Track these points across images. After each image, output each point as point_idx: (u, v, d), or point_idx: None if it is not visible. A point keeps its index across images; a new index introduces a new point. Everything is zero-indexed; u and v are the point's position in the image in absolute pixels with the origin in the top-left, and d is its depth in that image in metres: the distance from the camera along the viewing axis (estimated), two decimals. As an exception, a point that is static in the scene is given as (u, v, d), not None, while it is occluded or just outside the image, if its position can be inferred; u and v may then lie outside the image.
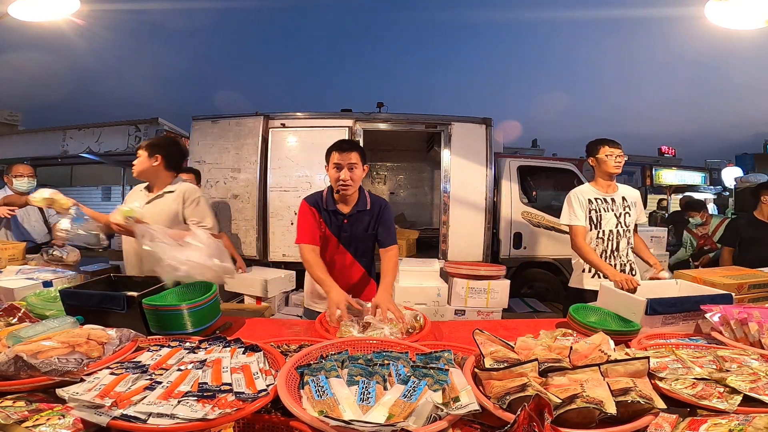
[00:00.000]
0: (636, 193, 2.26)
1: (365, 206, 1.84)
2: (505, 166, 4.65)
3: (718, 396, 0.86)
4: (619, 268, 2.11)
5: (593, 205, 2.18)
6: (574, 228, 2.17)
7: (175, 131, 6.73)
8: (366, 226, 1.85)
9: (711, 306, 1.34)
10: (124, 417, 0.75)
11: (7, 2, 2.32)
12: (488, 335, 1.07)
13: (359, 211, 1.83)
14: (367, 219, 1.85)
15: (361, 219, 1.84)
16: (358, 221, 1.84)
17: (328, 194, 1.84)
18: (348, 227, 1.83)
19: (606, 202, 2.17)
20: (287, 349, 1.20)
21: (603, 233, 2.15)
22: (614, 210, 2.16)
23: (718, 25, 2.26)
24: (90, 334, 1.04)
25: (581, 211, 2.17)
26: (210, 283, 1.51)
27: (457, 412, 0.79)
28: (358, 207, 1.83)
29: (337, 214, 1.82)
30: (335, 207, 1.82)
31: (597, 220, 2.16)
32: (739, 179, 8.53)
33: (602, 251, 2.15)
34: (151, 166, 1.99)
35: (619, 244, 2.15)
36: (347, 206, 1.83)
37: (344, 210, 1.83)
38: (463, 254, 4.24)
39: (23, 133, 8.53)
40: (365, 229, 1.85)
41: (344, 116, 4.41)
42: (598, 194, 2.20)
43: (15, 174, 3.02)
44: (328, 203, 1.82)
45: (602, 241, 2.15)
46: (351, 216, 1.83)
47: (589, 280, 2.16)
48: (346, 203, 1.83)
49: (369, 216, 1.85)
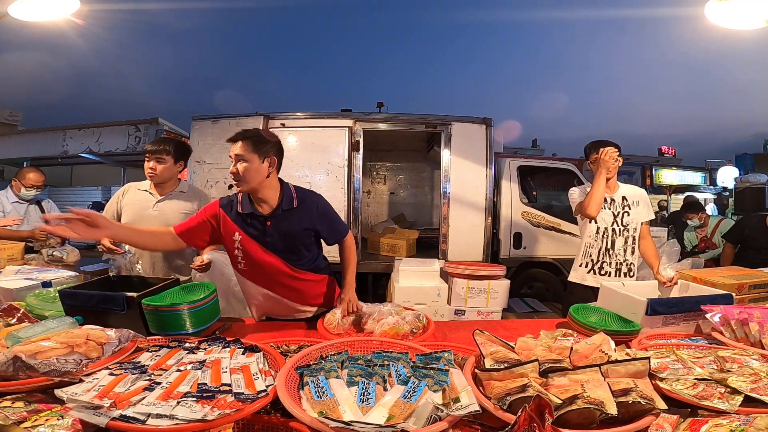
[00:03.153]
0: (639, 192, 2.21)
1: (291, 204, 1.57)
2: (505, 166, 4.65)
3: (719, 396, 0.86)
4: (614, 267, 2.13)
5: None
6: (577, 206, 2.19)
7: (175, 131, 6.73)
8: (297, 225, 1.58)
9: (711, 306, 1.34)
10: (123, 418, 0.74)
11: (7, 2, 2.32)
12: (488, 336, 1.07)
13: (285, 211, 1.56)
14: (297, 218, 1.58)
15: (288, 219, 1.57)
16: (286, 222, 1.57)
17: (245, 195, 1.59)
18: (273, 230, 1.55)
19: (604, 201, 2.15)
20: (287, 350, 1.19)
21: (598, 230, 2.15)
22: (612, 209, 2.15)
23: (718, 25, 2.26)
24: (89, 335, 1.04)
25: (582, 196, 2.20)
26: (210, 284, 1.51)
27: (457, 413, 0.79)
28: (282, 206, 1.56)
29: (255, 216, 1.56)
30: (252, 209, 1.56)
31: None
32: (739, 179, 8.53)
33: (599, 248, 2.15)
34: (175, 172, 2.12)
35: (615, 243, 2.13)
36: (268, 207, 1.57)
37: (264, 211, 1.56)
38: (463, 254, 4.25)
39: (23, 133, 8.53)
40: (296, 228, 1.58)
41: (344, 116, 4.41)
42: None
43: (27, 184, 2.96)
44: (244, 205, 1.56)
45: (599, 237, 2.16)
46: (274, 217, 1.56)
47: (585, 276, 2.17)
48: (264, 204, 1.57)
49: (299, 214, 1.59)
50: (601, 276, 2.12)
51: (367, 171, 6.05)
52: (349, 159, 4.25)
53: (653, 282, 1.87)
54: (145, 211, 2.10)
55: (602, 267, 2.15)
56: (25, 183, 2.97)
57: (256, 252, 1.56)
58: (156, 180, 2.12)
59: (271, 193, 1.57)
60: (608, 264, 2.14)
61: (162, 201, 2.12)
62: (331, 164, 4.26)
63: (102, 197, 12.62)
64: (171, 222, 1.94)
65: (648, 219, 2.19)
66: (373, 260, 4.49)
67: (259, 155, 1.49)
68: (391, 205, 6.39)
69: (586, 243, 2.18)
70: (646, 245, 2.17)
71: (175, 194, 2.15)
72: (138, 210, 2.11)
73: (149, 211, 2.10)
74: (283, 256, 1.58)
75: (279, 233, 1.56)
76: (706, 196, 11.13)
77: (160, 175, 2.08)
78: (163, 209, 2.10)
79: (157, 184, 2.14)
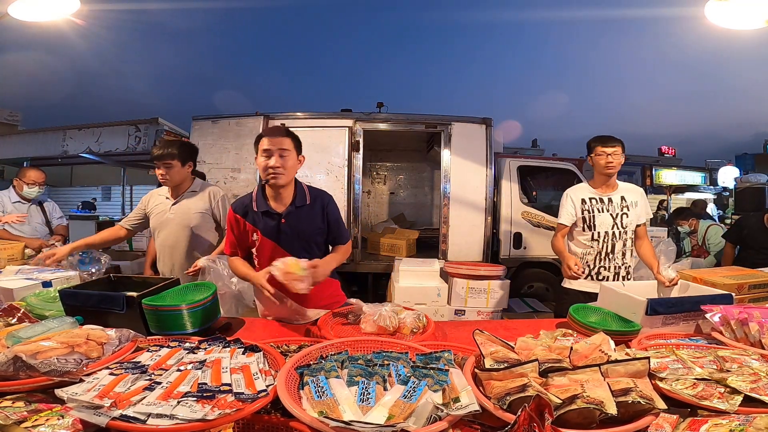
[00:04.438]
0: (638, 192, 2.16)
1: (304, 201, 1.62)
2: (505, 166, 4.65)
3: (718, 396, 0.86)
4: (613, 271, 2.08)
5: (587, 205, 2.12)
6: (557, 226, 2.19)
7: (175, 131, 6.73)
8: (309, 223, 1.63)
9: (711, 306, 1.34)
10: (124, 417, 0.75)
11: (7, 2, 2.32)
12: (488, 335, 1.07)
13: (298, 208, 1.61)
14: (309, 215, 1.63)
15: (301, 216, 1.62)
16: (299, 219, 1.61)
17: (259, 193, 1.63)
18: (287, 228, 1.60)
19: (602, 202, 2.11)
20: (287, 350, 1.19)
21: (598, 235, 2.08)
22: (610, 210, 2.09)
23: (718, 25, 2.26)
24: (89, 335, 1.04)
25: (571, 211, 2.13)
26: (210, 284, 1.52)
27: (457, 413, 0.79)
28: (296, 203, 1.61)
29: (270, 214, 1.60)
30: (267, 207, 1.60)
31: (590, 220, 2.10)
32: (739, 179, 8.53)
33: (597, 253, 2.09)
34: (186, 173, 2.18)
35: (614, 246, 2.08)
36: (282, 204, 1.61)
37: (279, 209, 1.60)
38: (463, 254, 4.25)
39: (23, 133, 8.52)
40: (309, 226, 1.63)
41: (344, 116, 4.41)
42: (593, 194, 2.14)
43: (28, 181, 2.98)
44: (259, 204, 1.61)
45: (597, 243, 2.09)
46: (288, 215, 1.60)
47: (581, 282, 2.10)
48: (280, 200, 1.61)
49: (311, 212, 1.63)
50: (599, 281, 2.05)
51: (367, 171, 6.05)
52: (349, 159, 4.25)
53: (653, 282, 1.87)
54: (164, 216, 2.19)
55: (600, 272, 2.10)
56: (26, 180, 2.98)
57: (273, 251, 1.60)
58: (169, 185, 2.19)
59: (290, 189, 1.64)
60: (606, 269, 2.09)
61: (176, 204, 2.19)
62: (331, 164, 4.26)
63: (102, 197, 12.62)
64: (188, 223, 2.14)
65: (646, 219, 2.15)
66: (373, 260, 4.49)
67: (297, 152, 1.61)
68: (391, 205, 6.39)
69: (583, 250, 2.13)
70: (643, 246, 2.12)
71: (187, 195, 2.21)
72: (159, 215, 2.21)
73: (167, 215, 2.18)
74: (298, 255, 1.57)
75: (293, 230, 1.61)
76: (706, 196, 11.12)
77: (171, 179, 2.15)
78: (177, 211, 2.17)
79: (172, 189, 2.21)
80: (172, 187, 2.19)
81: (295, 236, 1.61)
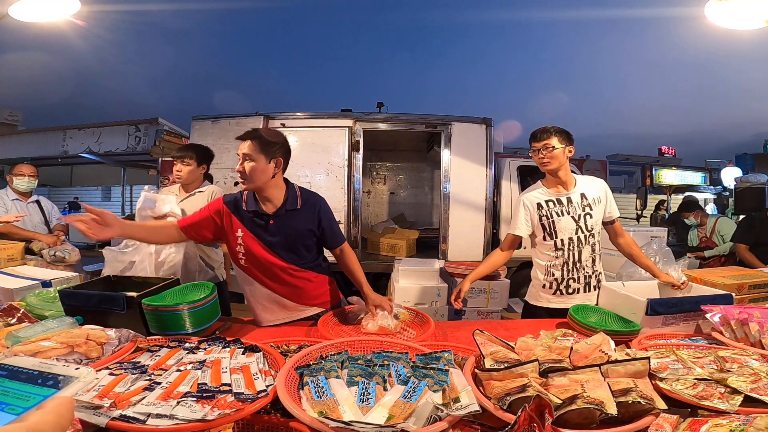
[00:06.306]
0: (600, 186, 1.85)
1: (295, 205, 1.59)
2: (505, 166, 4.65)
3: (718, 396, 0.86)
4: (583, 282, 1.81)
5: (543, 210, 1.82)
6: (506, 236, 1.95)
7: (175, 131, 6.73)
8: (299, 226, 1.60)
9: (711, 306, 1.34)
10: (123, 418, 0.74)
11: (7, 3, 2.32)
12: (488, 335, 1.07)
13: (288, 211, 1.58)
14: (300, 219, 1.60)
15: (291, 219, 1.59)
16: (288, 222, 1.58)
17: (250, 193, 1.60)
18: (275, 229, 1.57)
19: (560, 203, 1.81)
20: (287, 350, 1.19)
21: (562, 243, 1.80)
22: (571, 212, 1.79)
23: (718, 25, 2.26)
24: (89, 335, 1.04)
25: (525, 220, 1.87)
26: (210, 284, 1.51)
27: (457, 413, 0.79)
28: (286, 206, 1.58)
29: (259, 215, 1.58)
30: (257, 207, 1.58)
31: (551, 228, 1.81)
32: (739, 179, 8.52)
33: (563, 264, 1.81)
34: (199, 173, 2.32)
35: (581, 254, 1.79)
36: (272, 206, 1.58)
37: (268, 210, 1.58)
38: (463, 254, 4.24)
39: (23, 133, 8.53)
40: (297, 229, 1.60)
41: (344, 116, 4.41)
42: (549, 195, 1.84)
43: (16, 173, 3.02)
44: (249, 203, 1.58)
45: (562, 252, 1.80)
46: (277, 217, 1.57)
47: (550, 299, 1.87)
48: (269, 203, 1.58)
49: (302, 215, 1.60)
50: (569, 295, 1.82)
51: (367, 171, 6.05)
52: (349, 159, 4.25)
53: (653, 282, 1.85)
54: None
55: (569, 285, 1.82)
56: (15, 172, 3.03)
57: (258, 249, 1.59)
58: (182, 181, 2.31)
59: (276, 193, 1.59)
60: (575, 280, 1.81)
61: (184, 200, 2.26)
62: (331, 164, 4.26)
63: (102, 197, 12.62)
64: None
65: (617, 215, 1.87)
66: (373, 260, 4.48)
67: (266, 156, 1.51)
68: (391, 205, 6.39)
69: (547, 262, 1.85)
70: (626, 243, 1.86)
71: (195, 193, 2.31)
72: None
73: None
74: (284, 255, 1.60)
75: (281, 232, 1.58)
76: (706, 196, 11.12)
77: (185, 176, 2.27)
78: (184, 208, 2.24)
79: (183, 186, 2.33)
80: (183, 184, 2.31)
81: (283, 237, 1.59)
